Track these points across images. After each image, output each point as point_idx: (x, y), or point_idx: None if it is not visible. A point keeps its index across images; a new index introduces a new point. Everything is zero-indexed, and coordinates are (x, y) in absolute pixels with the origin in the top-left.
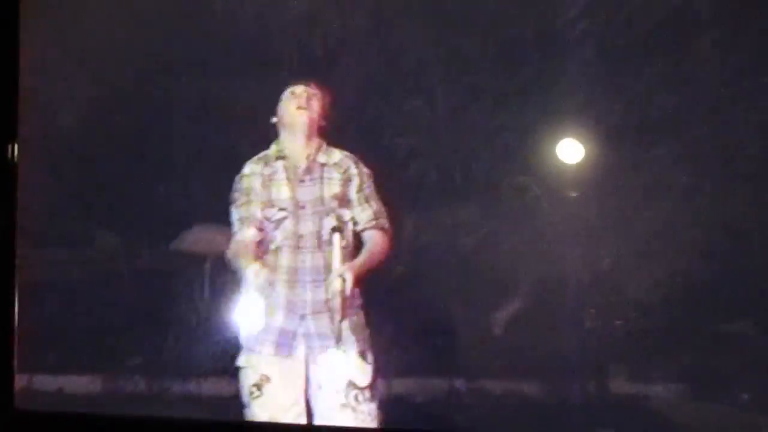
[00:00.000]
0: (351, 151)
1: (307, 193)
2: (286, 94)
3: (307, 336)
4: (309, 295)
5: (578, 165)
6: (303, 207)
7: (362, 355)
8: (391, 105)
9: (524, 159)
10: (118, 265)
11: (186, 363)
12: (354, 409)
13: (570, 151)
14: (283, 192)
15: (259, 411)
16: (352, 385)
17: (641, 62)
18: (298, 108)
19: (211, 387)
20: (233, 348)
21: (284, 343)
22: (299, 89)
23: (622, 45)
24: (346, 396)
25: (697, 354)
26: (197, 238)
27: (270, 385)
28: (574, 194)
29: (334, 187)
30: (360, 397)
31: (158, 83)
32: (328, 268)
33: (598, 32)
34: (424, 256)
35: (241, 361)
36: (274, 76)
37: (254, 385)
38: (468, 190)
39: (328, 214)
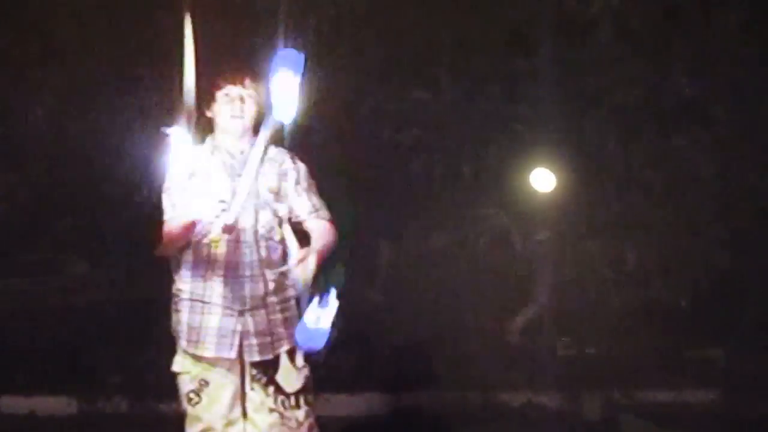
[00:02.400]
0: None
1: (243, 186)
2: (220, 95)
3: (244, 334)
4: (247, 290)
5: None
6: (240, 202)
7: (290, 355)
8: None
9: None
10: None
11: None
12: (282, 415)
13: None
14: (221, 184)
15: (198, 418)
16: (278, 389)
17: (663, 44)
18: (232, 117)
19: None
20: None
21: (224, 343)
22: (234, 92)
23: (642, 24)
24: (275, 400)
25: None
26: None
27: (208, 389)
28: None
29: (269, 181)
30: (286, 404)
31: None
32: (264, 262)
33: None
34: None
35: (177, 366)
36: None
37: (192, 391)
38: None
39: (263, 208)
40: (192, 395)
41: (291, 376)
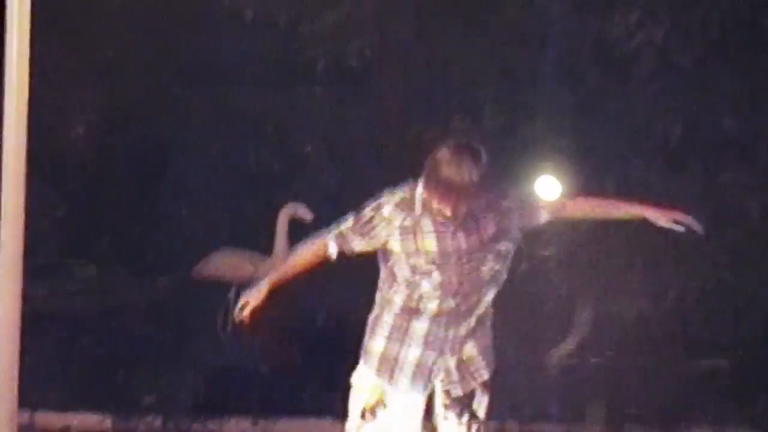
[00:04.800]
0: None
1: (462, 242)
2: (444, 152)
3: (445, 371)
4: (451, 332)
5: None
6: (459, 257)
7: (484, 385)
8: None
9: None
10: (131, 293)
11: (206, 401)
12: None
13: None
14: (430, 244)
15: None
16: (474, 417)
17: (706, 76)
18: (458, 177)
19: (233, 428)
20: (258, 384)
21: (420, 378)
22: (464, 156)
23: (685, 59)
24: (468, 429)
25: None
26: (221, 264)
27: (385, 413)
28: None
29: (488, 229)
30: (482, 429)
31: (177, 94)
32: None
33: (657, 45)
34: None
35: (358, 378)
36: (306, 88)
37: (369, 409)
38: None
39: (485, 258)
40: (367, 413)
41: (484, 403)
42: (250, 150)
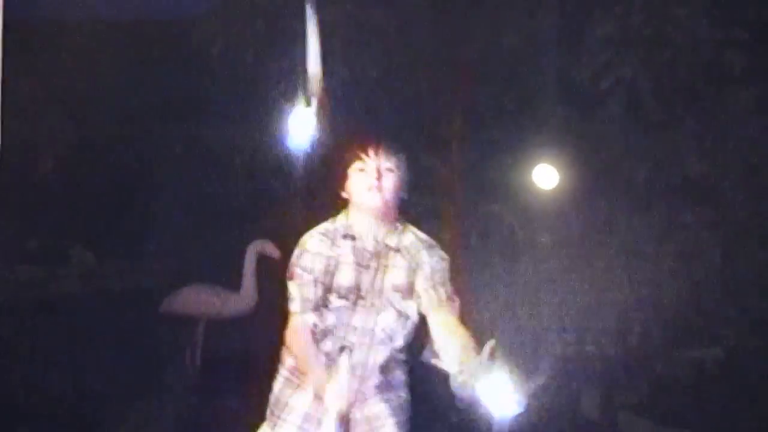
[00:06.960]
0: None
1: (368, 281)
2: (355, 168)
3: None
4: (352, 390)
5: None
6: (363, 297)
7: None
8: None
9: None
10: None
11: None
12: None
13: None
14: (347, 278)
15: None
16: None
17: (670, 119)
18: (368, 189)
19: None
20: (226, 419)
21: (308, 428)
22: (370, 166)
23: (651, 102)
24: None
25: None
26: (189, 300)
27: None
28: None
29: (396, 277)
30: None
31: (147, 128)
32: (378, 368)
33: (625, 87)
34: None
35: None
36: (274, 124)
37: None
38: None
39: (386, 308)
40: None
41: None
42: (218, 186)
